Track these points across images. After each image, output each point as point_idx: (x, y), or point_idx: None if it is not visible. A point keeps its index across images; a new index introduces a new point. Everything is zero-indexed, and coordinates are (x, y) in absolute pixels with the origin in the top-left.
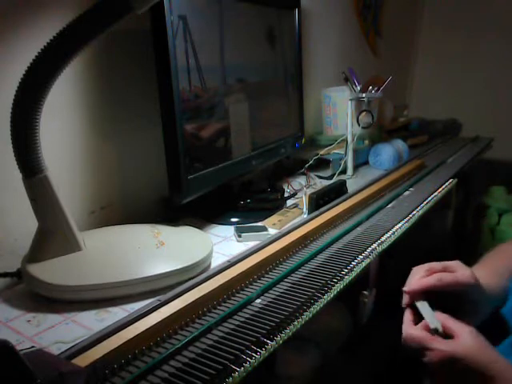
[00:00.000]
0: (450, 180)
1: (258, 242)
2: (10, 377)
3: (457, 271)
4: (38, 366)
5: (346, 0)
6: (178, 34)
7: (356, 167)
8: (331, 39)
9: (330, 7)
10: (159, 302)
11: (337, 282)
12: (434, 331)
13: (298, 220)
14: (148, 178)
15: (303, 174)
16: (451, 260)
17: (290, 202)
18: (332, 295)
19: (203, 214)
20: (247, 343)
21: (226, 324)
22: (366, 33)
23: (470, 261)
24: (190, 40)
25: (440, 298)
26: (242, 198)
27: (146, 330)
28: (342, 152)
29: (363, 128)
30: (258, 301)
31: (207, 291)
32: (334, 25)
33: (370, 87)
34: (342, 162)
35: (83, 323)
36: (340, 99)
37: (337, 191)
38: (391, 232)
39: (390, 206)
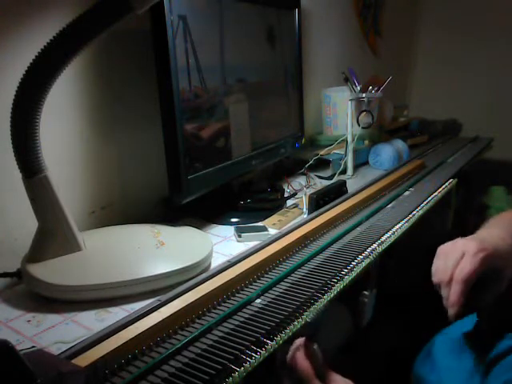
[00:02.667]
0: (450, 180)
1: (258, 242)
2: (10, 377)
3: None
4: (38, 365)
5: (346, 0)
6: (178, 34)
7: (356, 167)
8: (331, 39)
9: (330, 7)
10: (159, 302)
11: (337, 282)
12: None
13: (298, 220)
14: (148, 178)
15: (303, 174)
16: None
17: (290, 202)
18: (332, 295)
19: (203, 214)
20: (247, 343)
21: (225, 324)
22: (366, 33)
23: None
24: (190, 40)
25: None
26: (242, 198)
27: (146, 330)
28: (342, 152)
29: (363, 128)
30: (258, 301)
31: (207, 291)
32: (334, 25)
33: (370, 87)
34: (342, 162)
35: (83, 323)
36: (340, 99)
37: (337, 191)
38: (391, 232)
39: (389, 206)
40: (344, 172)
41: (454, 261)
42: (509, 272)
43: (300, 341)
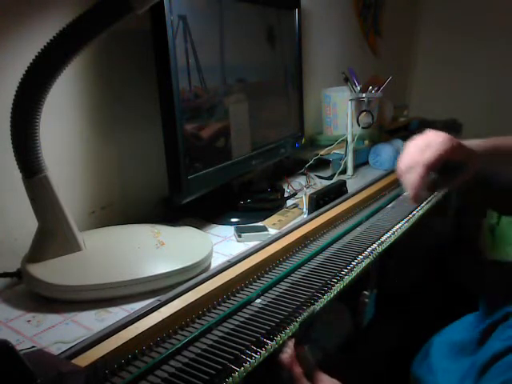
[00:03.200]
0: None
1: (258, 242)
2: (10, 377)
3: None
4: (38, 365)
5: (346, 0)
6: (178, 34)
7: (356, 167)
8: (331, 39)
9: (330, 7)
10: (159, 302)
11: (337, 282)
12: None
13: (298, 220)
14: (148, 178)
15: (303, 174)
16: (450, 257)
17: (290, 202)
18: (332, 295)
19: (203, 214)
20: (247, 343)
21: (225, 324)
22: (366, 33)
23: (470, 261)
24: (190, 40)
25: None
26: (242, 198)
27: (146, 329)
28: (342, 152)
29: (363, 128)
30: (258, 301)
31: (207, 291)
32: (334, 25)
33: (370, 87)
34: (342, 162)
35: (83, 323)
36: (340, 99)
37: (337, 191)
38: (391, 232)
39: (390, 206)
40: (344, 172)
41: (419, 149)
42: (473, 167)
43: (291, 341)
